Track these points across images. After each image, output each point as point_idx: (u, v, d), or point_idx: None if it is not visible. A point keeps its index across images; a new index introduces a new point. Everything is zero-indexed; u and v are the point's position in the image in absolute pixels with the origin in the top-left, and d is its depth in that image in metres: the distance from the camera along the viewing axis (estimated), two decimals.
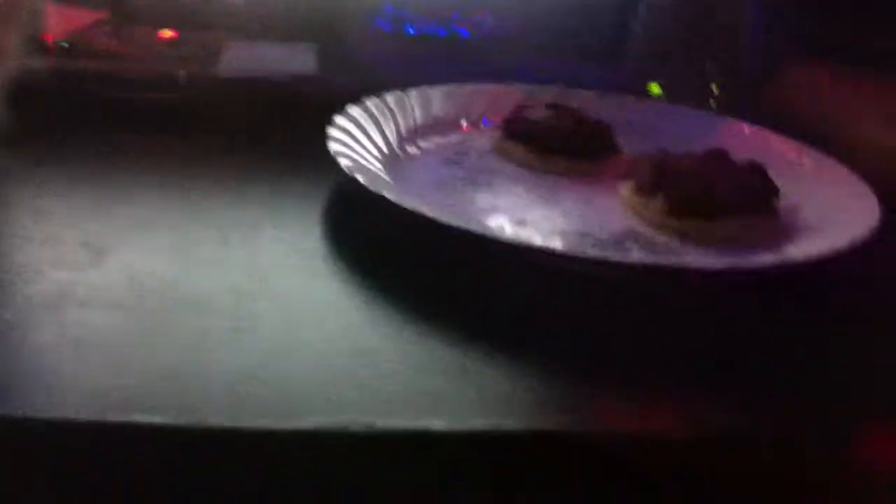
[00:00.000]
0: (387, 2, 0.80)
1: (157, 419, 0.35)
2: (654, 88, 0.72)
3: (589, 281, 0.46)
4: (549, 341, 0.43)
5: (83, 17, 0.73)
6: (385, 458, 0.36)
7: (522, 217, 0.54)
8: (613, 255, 0.48)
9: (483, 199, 0.56)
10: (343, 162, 0.52)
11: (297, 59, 0.75)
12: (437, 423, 0.36)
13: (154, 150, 0.59)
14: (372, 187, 0.49)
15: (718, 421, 0.39)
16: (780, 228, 0.53)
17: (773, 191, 0.53)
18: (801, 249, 0.48)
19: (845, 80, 0.68)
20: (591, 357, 0.42)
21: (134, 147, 0.59)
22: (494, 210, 0.55)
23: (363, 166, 0.54)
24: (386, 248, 0.49)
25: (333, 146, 0.54)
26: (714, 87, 0.70)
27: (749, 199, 0.52)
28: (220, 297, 0.43)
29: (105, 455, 0.35)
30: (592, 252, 0.48)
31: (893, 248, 0.50)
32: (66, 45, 0.70)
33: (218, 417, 0.35)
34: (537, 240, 0.51)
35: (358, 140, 0.58)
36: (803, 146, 0.61)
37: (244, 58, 0.73)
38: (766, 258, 0.47)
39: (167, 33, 0.74)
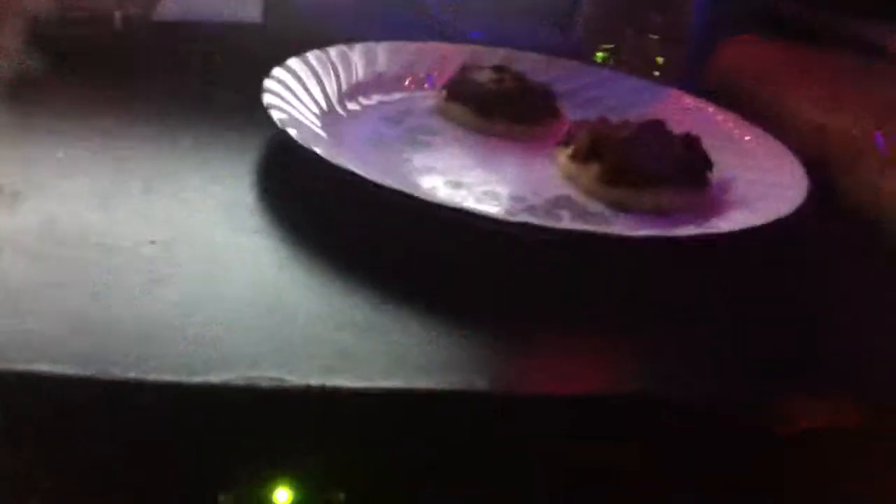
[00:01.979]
0: None
1: (60, 369, 0.34)
2: (601, 56, 0.72)
3: (516, 245, 0.46)
4: (471, 302, 0.43)
5: None
6: (292, 415, 0.36)
7: (458, 179, 0.53)
8: (542, 221, 0.47)
9: (420, 159, 0.56)
10: (276, 115, 0.51)
11: (243, 7, 0.73)
12: (347, 381, 0.36)
13: (81, 93, 0.57)
14: (304, 142, 0.48)
15: (627, 383, 0.40)
16: (712, 201, 0.53)
17: (706, 164, 0.54)
18: (726, 222, 0.48)
19: (785, 55, 0.68)
20: (510, 319, 0.42)
21: (60, 88, 0.57)
22: (431, 171, 0.54)
23: (297, 120, 0.52)
24: (316, 205, 0.49)
25: (268, 98, 0.53)
26: (658, 58, 0.70)
27: (681, 171, 0.52)
28: (137, 248, 0.42)
29: (5, 405, 0.35)
30: (523, 217, 0.48)
31: (822, 221, 0.51)
32: None
33: (123, 369, 0.34)
34: (471, 202, 0.50)
35: (295, 93, 0.57)
36: (741, 120, 0.62)
37: (186, 2, 0.71)
38: (686, 229, 0.47)
39: None
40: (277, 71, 0.57)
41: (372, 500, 0.40)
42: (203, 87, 0.61)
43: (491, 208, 0.50)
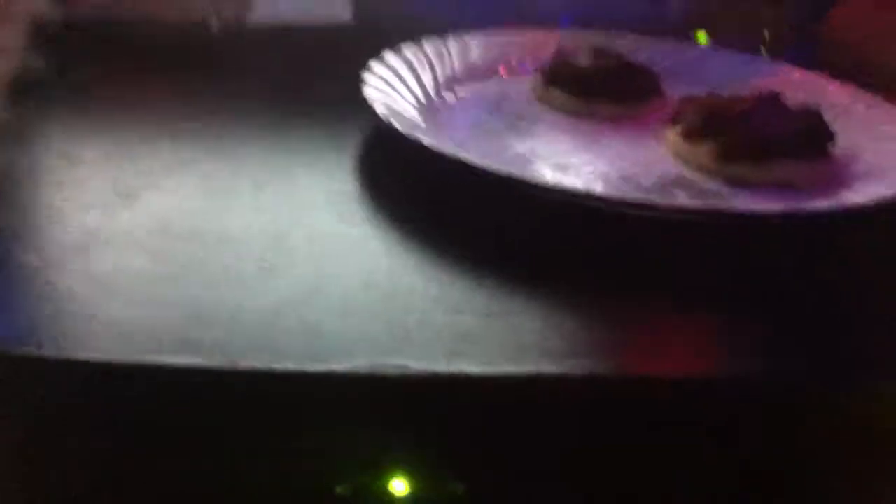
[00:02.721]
0: None
1: (188, 360, 0.34)
2: (701, 37, 0.69)
3: (629, 225, 0.44)
4: (586, 285, 0.41)
5: None
6: (417, 402, 0.35)
7: (564, 162, 0.52)
8: (656, 199, 0.45)
9: (523, 145, 0.54)
10: (378, 108, 0.50)
11: (333, 7, 0.73)
12: (471, 367, 0.34)
13: (185, 95, 0.58)
14: (407, 133, 0.48)
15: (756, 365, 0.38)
16: (835, 174, 0.50)
17: (829, 135, 0.51)
18: (857, 194, 0.45)
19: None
20: (627, 302, 0.41)
21: (164, 91, 0.58)
22: (535, 156, 0.53)
23: (398, 112, 0.52)
24: (419, 194, 0.48)
25: (369, 92, 0.53)
26: (764, 30, 0.67)
27: (803, 144, 0.50)
28: (251, 239, 0.42)
29: (135, 397, 0.35)
30: (636, 196, 0.46)
31: None
32: None
33: (250, 359, 0.34)
34: (578, 185, 0.49)
35: (393, 86, 0.56)
36: (856, 90, 0.59)
37: (278, 4, 0.72)
38: (821, 203, 0.44)
39: None
40: (375, 65, 0.57)
41: (493, 492, 0.39)
42: (301, 85, 0.61)
43: (601, 190, 0.48)
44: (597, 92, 0.59)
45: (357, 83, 0.53)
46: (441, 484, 0.38)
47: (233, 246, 0.41)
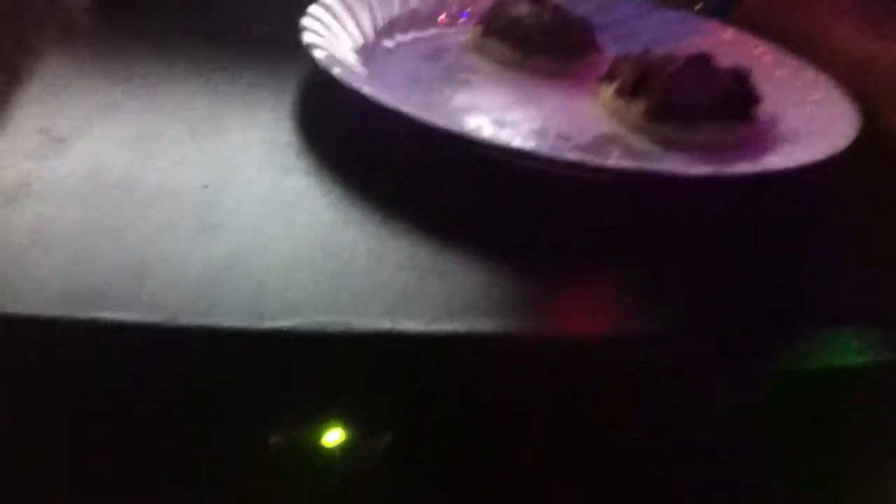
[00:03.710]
0: None
1: (124, 316, 0.34)
2: None
3: (567, 182, 0.45)
4: (525, 242, 0.43)
5: None
6: (360, 358, 0.36)
7: (502, 117, 0.53)
8: (594, 159, 0.47)
9: (461, 97, 0.55)
10: (318, 54, 0.50)
11: None
12: (412, 325, 0.35)
13: (116, 34, 0.56)
14: (349, 82, 0.48)
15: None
16: (760, 137, 0.52)
17: (755, 99, 0.53)
18: (780, 158, 0.48)
19: None
20: (565, 259, 0.42)
21: (95, 28, 0.56)
22: (473, 109, 0.53)
23: (338, 59, 0.51)
24: (359, 143, 0.48)
25: (307, 37, 0.52)
26: None
27: (729, 106, 0.52)
28: (187, 192, 0.41)
29: (67, 352, 0.35)
30: (572, 155, 0.47)
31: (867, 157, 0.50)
32: None
33: (189, 316, 0.34)
34: (517, 141, 0.50)
35: (332, 31, 0.56)
36: (782, 52, 0.61)
37: None
38: (745, 166, 0.46)
39: None
40: (314, 8, 0.56)
41: (418, 444, 0.40)
42: (236, 26, 0.60)
43: (539, 147, 0.49)
44: (534, 46, 0.59)
45: (294, 26, 0.52)
46: (371, 435, 0.39)
47: (171, 199, 0.41)
